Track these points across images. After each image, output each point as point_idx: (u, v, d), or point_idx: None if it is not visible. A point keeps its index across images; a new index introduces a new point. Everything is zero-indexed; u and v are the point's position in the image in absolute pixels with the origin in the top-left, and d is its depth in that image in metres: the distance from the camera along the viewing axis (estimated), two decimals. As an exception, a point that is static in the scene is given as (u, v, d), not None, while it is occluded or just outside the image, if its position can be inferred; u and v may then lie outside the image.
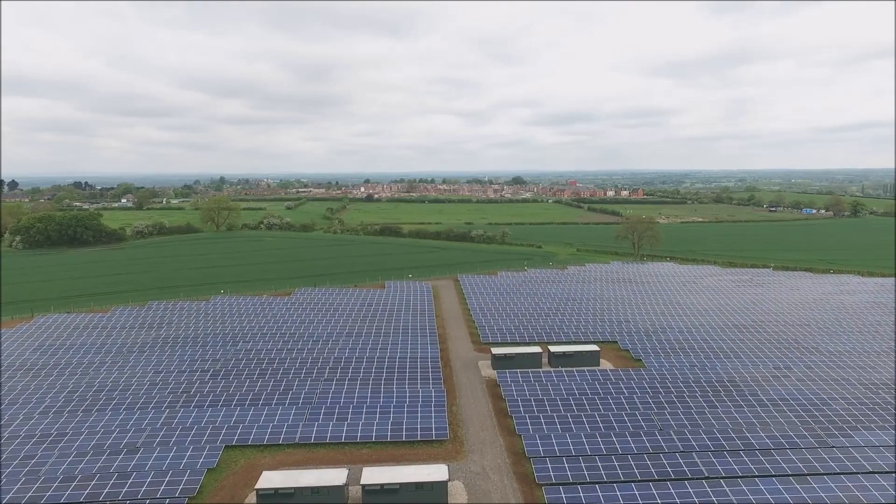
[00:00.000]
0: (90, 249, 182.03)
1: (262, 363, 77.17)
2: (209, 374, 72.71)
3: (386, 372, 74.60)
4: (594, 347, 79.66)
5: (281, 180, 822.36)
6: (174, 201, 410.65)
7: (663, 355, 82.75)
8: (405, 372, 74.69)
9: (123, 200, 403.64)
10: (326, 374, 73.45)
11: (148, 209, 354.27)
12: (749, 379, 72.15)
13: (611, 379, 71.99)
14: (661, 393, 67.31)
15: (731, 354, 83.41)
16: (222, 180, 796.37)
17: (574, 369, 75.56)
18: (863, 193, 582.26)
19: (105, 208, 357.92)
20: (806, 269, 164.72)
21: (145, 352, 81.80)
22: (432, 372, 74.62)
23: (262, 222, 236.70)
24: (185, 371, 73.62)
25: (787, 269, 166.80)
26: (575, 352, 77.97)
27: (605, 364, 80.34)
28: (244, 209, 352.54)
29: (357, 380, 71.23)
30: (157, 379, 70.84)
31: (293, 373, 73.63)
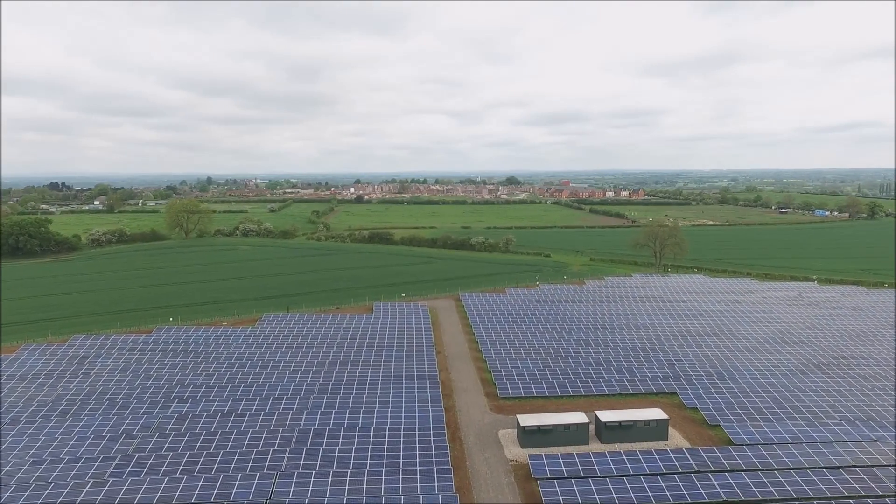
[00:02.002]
0: (33, 262, 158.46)
1: (197, 441, 54.77)
2: (113, 464, 50.22)
3: (371, 455, 52.49)
4: (659, 414, 57.82)
5: (269, 181, 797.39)
6: (151, 203, 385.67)
7: (748, 420, 61.12)
8: (398, 453, 52.64)
9: (96, 203, 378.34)
10: (285, 463, 51.17)
11: (120, 212, 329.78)
12: (891, 465, 50.59)
13: (692, 468, 50.21)
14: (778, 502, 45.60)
15: (839, 418, 61.95)
16: (209, 181, 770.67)
17: (636, 448, 53.85)
18: (859, 193, 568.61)
19: (73, 211, 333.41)
20: (854, 283, 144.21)
21: (37, 420, 59.14)
22: (437, 453, 52.58)
23: (237, 228, 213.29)
24: (79, 459, 51.05)
25: (832, 281, 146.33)
26: (635, 422, 56.09)
27: (675, 436, 58.52)
28: (224, 212, 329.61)
29: (329, 472, 49.00)
30: (30, 477, 48.28)
31: (237, 460, 51.27)
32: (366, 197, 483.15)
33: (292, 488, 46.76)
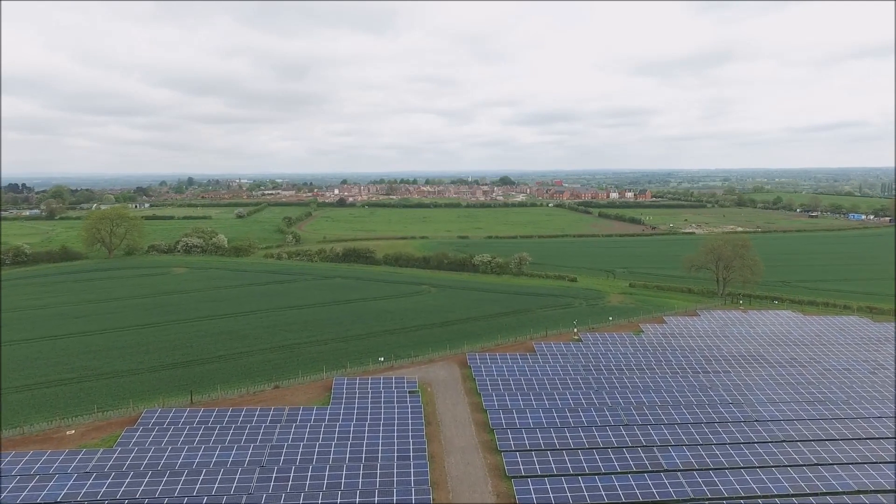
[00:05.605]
0: None
1: None
2: None
3: None
4: None
5: (254, 181, 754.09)
6: (105, 207, 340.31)
7: None
8: None
9: (42, 207, 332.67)
10: None
11: (62, 219, 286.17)
12: None
13: None
14: None
15: None
16: (190, 181, 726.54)
17: None
18: (860, 193, 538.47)
19: (6, 218, 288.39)
20: None
21: None
22: None
23: (178, 242, 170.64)
24: None
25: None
26: None
27: None
28: (183, 218, 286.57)
29: None
30: None
31: None
32: (350, 199, 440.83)
33: None
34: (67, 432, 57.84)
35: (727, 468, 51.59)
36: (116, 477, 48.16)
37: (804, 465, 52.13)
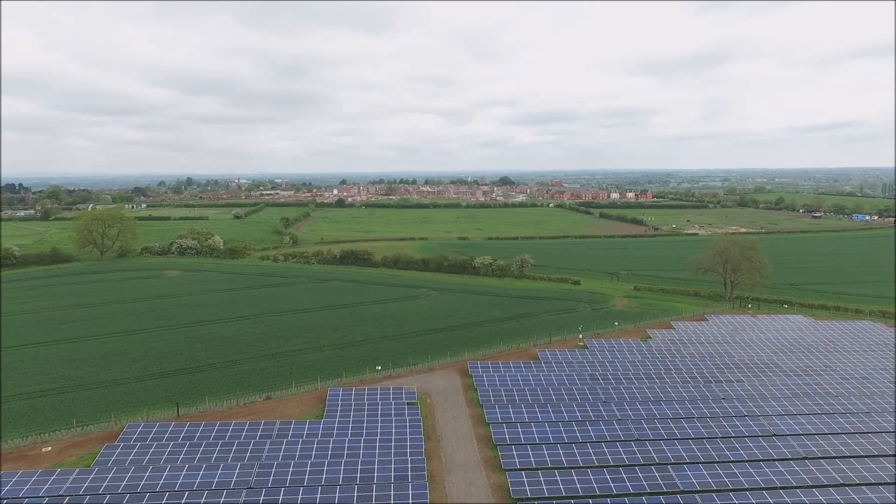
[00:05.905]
0: None
1: None
2: None
3: None
4: None
5: (253, 181, 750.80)
6: (101, 208, 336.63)
7: None
8: None
9: (38, 208, 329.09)
10: None
11: (56, 219, 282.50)
12: None
13: None
14: None
15: None
16: (189, 181, 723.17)
17: None
18: (861, 193, 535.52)
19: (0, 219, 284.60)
20: None
21: None
22: None
23: (172, 245, 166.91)
24: None
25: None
26: None
27: None
28: (179, 219, 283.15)
29: None
30: None
31: None
32: (349, 200, 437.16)
33: None
34: (44, 449, 54.39)
35: (748, 489, 48.28)
36: (91, 501, 44.67)
37: (830, 486, 48.84)
